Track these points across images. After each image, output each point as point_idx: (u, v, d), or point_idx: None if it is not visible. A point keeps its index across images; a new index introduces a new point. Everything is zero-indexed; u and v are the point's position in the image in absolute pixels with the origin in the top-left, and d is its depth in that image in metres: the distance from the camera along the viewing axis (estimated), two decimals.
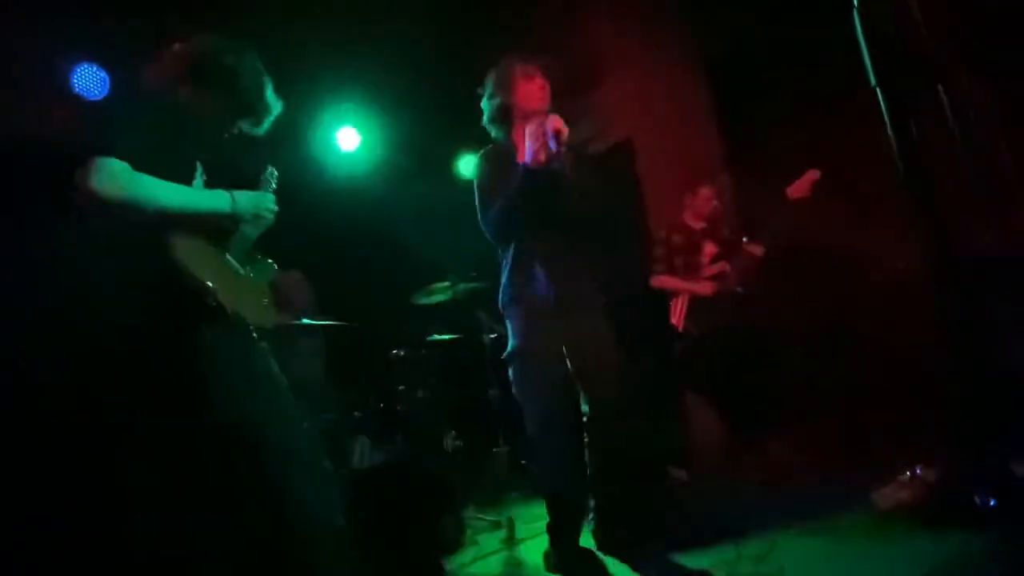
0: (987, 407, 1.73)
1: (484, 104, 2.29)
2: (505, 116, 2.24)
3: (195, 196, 1.47)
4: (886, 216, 2.93)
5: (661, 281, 3.42)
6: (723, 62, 4.06)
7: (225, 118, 1.63)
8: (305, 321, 3.10)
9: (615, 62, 4.01)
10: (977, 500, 1.89)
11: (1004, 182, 2.34)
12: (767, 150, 3.88)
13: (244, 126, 1.69)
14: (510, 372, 2.25)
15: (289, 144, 4.17)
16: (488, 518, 2.95)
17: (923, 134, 1.08)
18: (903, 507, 2.08)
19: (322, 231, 3.91)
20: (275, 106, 1.72)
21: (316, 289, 3.39)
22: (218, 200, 1.51)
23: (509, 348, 2.24)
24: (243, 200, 1.57)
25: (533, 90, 2.19)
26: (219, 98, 1.59)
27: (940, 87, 1.00)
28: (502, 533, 2.76)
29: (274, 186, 1.77)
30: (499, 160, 2.21)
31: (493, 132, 2.35)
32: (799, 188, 3.12)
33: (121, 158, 1.34)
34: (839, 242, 3.48)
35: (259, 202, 1.63)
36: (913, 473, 2.16)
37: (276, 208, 1.69)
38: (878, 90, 1.06)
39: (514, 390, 2.25)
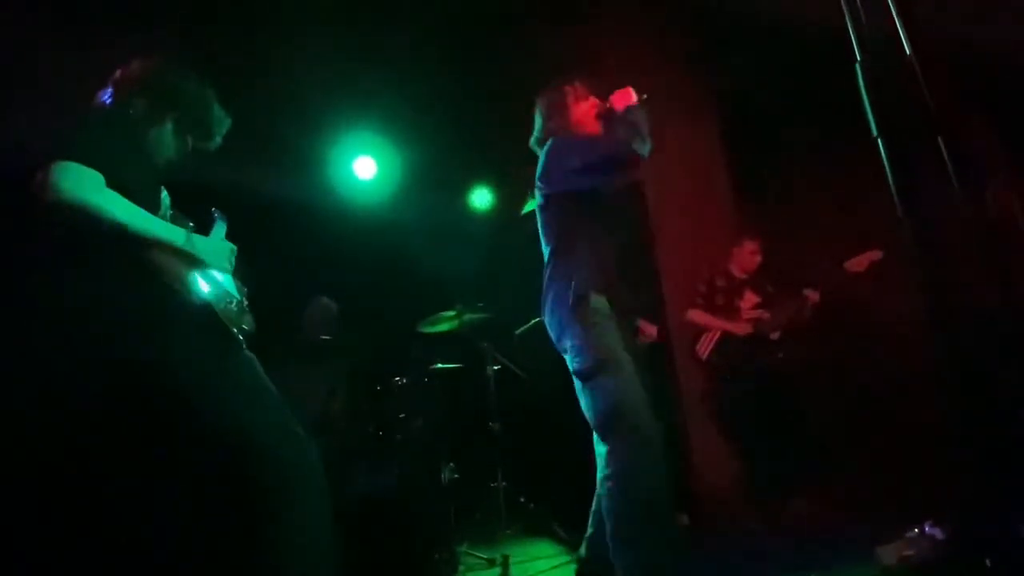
0: (997, 465, 1.69)
1: (537, 129, 2.21)
2: None
3: (151, 221, 1.48)
4: (899, 271, 2.93)
5: (696, 315, 3.45)
6: (735, 111, 4.13)
7: (176, 131, 1.70)
8: (309, 339, 3.11)
9: None
10: (987, 561, 1.83)
11: (1012, 238, 2.33)
12: (778, 200, 3.91)
13: (196, 140, 1.75)
14: (590, 390, 1.85)
15: (307, 172, 4.29)
16: (482, 555, 2.89)
17: (925, 187, 1.09)
18: (908, 563, 2.02)
19: (334, 257, 3.97)
20: (223, 120, 1.77)
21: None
22: (173, 233, 1.52)
23: (598, 357, 1.83)
24: (199, 243, 1.57)
25: (587, 109, 2.15)
26: (169, 111, 1.67)
27: (940, 140, 1.01)
28: (496, 571, 2.71)
29: (225, 227, 1.79)
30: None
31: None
32: (858, 264, 3.18)
33: (83, 164, 1.37)
34: (858, 297, 3.49)
35: (218, 253, 1.64)
36: (921, 530, 2.10)
37: (233, 262, 1.70)
38: (879, 140, 1.08)
39: (602, 413, 1.81)
